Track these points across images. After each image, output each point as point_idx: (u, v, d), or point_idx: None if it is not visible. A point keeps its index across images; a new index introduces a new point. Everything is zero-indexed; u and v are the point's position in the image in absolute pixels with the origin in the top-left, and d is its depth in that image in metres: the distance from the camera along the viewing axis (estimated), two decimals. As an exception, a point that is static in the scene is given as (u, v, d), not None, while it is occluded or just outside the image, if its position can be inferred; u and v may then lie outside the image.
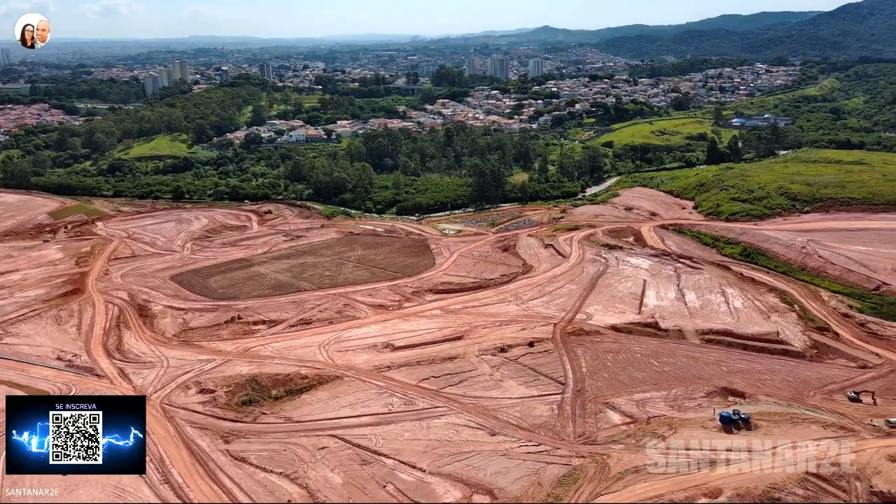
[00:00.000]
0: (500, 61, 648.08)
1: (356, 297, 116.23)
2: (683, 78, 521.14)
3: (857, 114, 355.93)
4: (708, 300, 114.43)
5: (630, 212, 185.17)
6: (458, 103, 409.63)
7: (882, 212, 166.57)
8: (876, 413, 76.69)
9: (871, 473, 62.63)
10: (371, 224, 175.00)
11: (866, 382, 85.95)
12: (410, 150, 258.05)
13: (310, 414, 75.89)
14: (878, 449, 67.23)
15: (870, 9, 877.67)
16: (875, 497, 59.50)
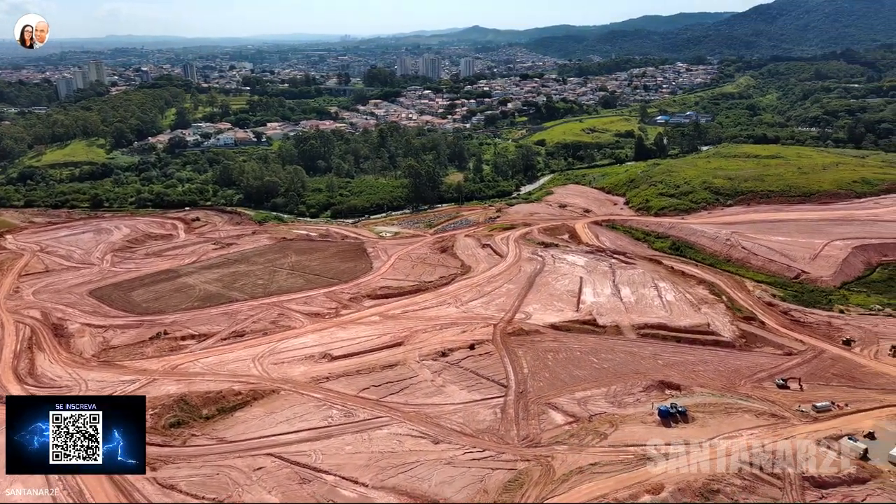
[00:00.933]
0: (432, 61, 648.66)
1: (291, 306, 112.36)
2: (610, 77, 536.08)
3: (772, 110, 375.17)
4: (642, 295, 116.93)
5: (564, 209, 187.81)
6: (390, 103, 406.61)
7: (798, 203, 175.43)
8: (803, 399, 79.86)
9: (803, 459, 64.92)
10: (305, 229, 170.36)
11: (792, 369, 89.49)
12: (344, 151, 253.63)
13: (244, 432, 72.28)
14: (808, 434, 69.95)
15: (779, 10, 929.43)
16: (807, 482, 61.64)
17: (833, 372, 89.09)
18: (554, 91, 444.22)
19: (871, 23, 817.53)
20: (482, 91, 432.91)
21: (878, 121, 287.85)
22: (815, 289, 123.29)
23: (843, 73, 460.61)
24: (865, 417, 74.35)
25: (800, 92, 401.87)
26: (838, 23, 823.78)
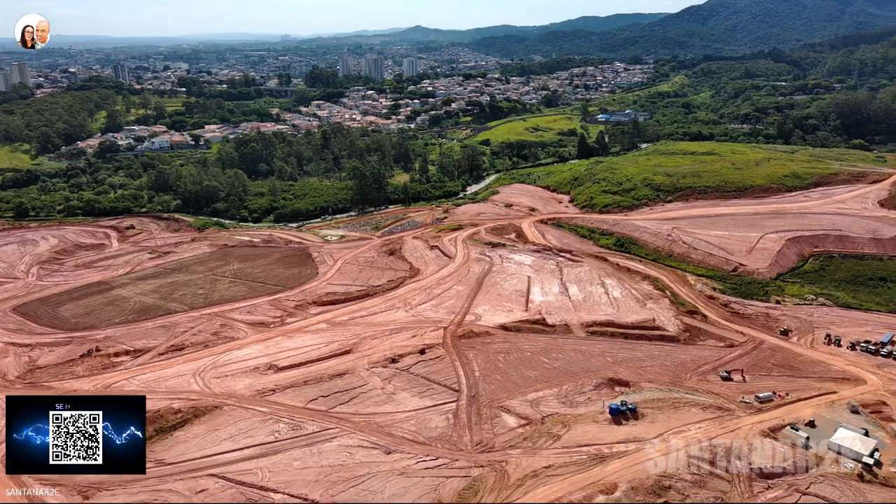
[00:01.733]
0: (375, 61, 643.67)
1: (234, 316, 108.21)
2: (551, 76, 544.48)
3: (706, 107, 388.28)
4: (590, 292, 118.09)
5: (510, 208, 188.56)
6: (333, 104, 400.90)
7: (734, 198, 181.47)
8: (746, 390, 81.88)
9: (749, 450, 66.34)
10: (247, 234, 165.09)
11: (735, 361, 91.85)
12: (286, 154, 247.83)
13: (185, 453, 68.69)
14: (752, 426, 71.62)
15: (709, 11, 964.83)
16: (754, 474, 62.93)
17: (773, 362, 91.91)
18: (497, 90, 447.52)
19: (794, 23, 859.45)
20: (426, 91, 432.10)
21: (804, 117, 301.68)
22: (753, 281, 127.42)
23: (770, 72, 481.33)
24: (805, 406, 76.82)
25: (731, 90, 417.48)
26: (765, 23, 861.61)
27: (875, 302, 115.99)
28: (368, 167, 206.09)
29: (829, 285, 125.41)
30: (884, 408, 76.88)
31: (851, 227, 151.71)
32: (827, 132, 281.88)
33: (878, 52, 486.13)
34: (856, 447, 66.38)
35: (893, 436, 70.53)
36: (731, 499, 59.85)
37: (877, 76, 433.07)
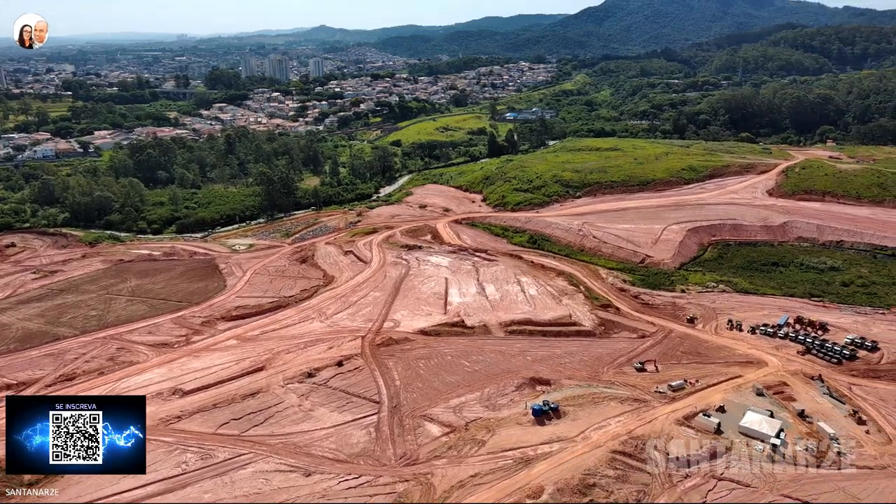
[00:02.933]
0: (279, 62, 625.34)
1: (133, 338, 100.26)
2: (459, 76, 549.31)
3: (607, 105, 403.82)
4: (507, 291, 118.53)
5: (425, 209, 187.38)
6: (237, 107, 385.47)
7: (638, 192, 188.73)
8: (660, 379, 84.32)
9: (666, 440, 68.01)
10: (146, 248, 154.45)
11: (647, 351, 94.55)
12: (187, 160, 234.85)
13: (79, 495, 62.23)
14: (668, 415, 73.61)
15: (605, 12, 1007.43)
16: (672, 463, 64.48)
17: (682, 350, 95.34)
18: (406, 90, 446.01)
19: (683, 24, 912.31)
20: (334, 92, 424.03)
21: (696, 113, 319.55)
22: (659, 271, 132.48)
23: (664, 70, 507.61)
24: (715, 392, 79.98)
25: (629, 88, 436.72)
26: (656, 24, 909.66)
27: (769, 286, 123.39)
28: (276, 172, 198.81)
29: (728, 272, 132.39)
30: (785, 388, 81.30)
31: (744, 216, 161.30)
32: (717, 126, 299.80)
33: (758, 50, 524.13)
34: (763, 429, 69.61)
35: (795, 415, 74.60)
36: (653, 490, 60.98)
37: (758, 73, 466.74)
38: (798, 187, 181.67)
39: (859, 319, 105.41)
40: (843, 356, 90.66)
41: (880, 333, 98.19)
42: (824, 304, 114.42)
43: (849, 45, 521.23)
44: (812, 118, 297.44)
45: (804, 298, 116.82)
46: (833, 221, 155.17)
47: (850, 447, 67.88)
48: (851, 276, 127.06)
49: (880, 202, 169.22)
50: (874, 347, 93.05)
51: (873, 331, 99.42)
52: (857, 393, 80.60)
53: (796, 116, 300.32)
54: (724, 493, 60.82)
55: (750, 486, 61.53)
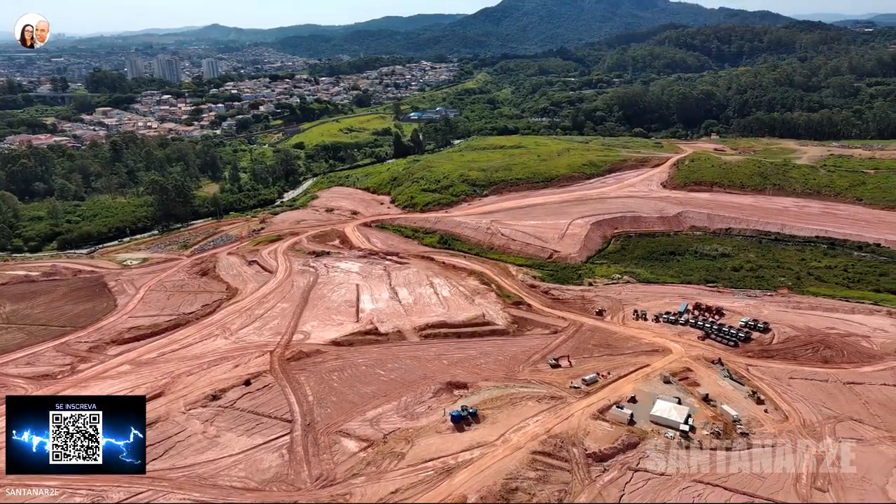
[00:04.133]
0: (169, 62, 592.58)
1: (7, 371, 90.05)
2: (361, 76, 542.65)
3: (508, 103, 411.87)
4: (419, 294, 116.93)
5: (332, 213, 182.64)
6: (123, 111, 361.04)
7: (542, 188, 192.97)
8: (574, 374, 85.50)
9: (583, 436, 68.74)
10: (22, 268, 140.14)
11: (560, 347, 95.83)
12: (68, 169, 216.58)
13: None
14: (583, 410, 74.55)
15: (502, 13, 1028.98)
16: (590, 459, 65.17)
17: (593, 343, 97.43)
18: (307, 92, 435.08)
19: (576, 24, 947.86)
20: (230, 94, 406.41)
21: (593, 110, 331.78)
22: (567, 266, 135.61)
23: (561, 69, 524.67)
24: (626, 383, 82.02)
25: (529, 86, 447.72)
26: (551, 24, 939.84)
27: (669, 275, 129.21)
28: (170, 179, 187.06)
29: (631, 263, 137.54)
30: (689, 374, 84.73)
31: (642, 208, 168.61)
32: (613, 122, 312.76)
33: (645, 49, 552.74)
34: (672, 417, 71.94)
35: (701, 399, 77.75)
36: (574, 488, 61.29)
37: (647, 71, 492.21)
38: (689, 179, 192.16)
39: (751, 302, 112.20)
40: (739, 339, 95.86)
41: (770, 315, 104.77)
42: (719, 289, 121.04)
43: (726, 44, 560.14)
44: (697, 113, 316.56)
45: (700, 285, 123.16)
46: (721, 210, 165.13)
47: (752, 427, 71.49)
48: (741, 261, 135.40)
49: (762, 190, 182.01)
50: (766, 328, 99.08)
51: (764, 312, 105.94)
52: (753, 373, 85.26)
53: (683, 112, 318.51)
54: (640, 484, 62.10)
55: (664, 475, 63.22)
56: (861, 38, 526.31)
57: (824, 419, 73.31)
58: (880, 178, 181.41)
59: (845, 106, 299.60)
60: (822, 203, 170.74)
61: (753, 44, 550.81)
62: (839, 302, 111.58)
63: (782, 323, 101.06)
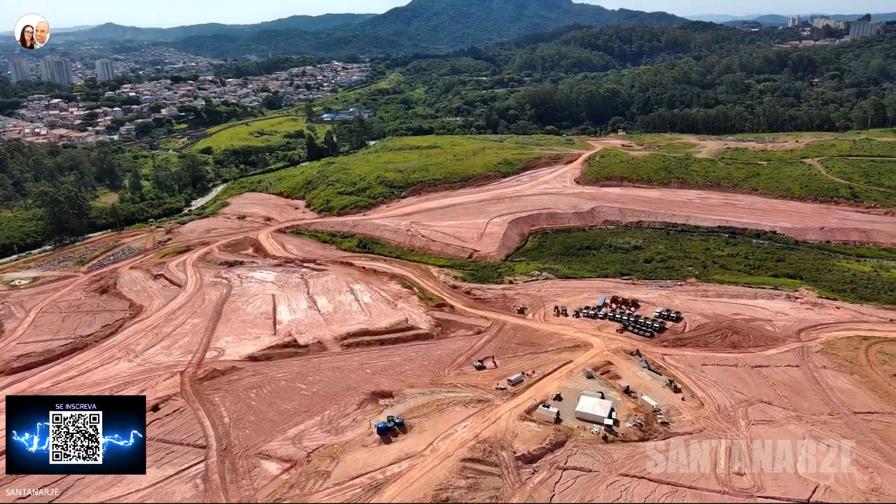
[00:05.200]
0: (59, 64, 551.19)
1: None
2: (270, 77, 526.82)
3: (422, 103, 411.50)
4: (339, 302, 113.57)
5: (244, 220, 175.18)
6: (7, 117, 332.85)
7: (460, 188, 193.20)
8: (500, 375, 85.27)
9: (512, 438, 68.34)
10: None
11: (485, 347, 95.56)
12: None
13: None
14: (510, 412, 74.26)
15: (413, 12, 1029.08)
16: (520, 461, 64.79)
17: (516, 342, 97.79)
18: (213, 94, 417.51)
19: (485, 24, 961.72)
20: (129, 97, 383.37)
21: (506, 108, 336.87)
22: (487, 265, 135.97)
23: (472, 68, 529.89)
24: (551, 380, 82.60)
25: (442, 86, 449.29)
26: (461, 24, 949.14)
27: (585, 269, 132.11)
28: (62, 190, 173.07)
29: (549, 259, 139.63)
30: (610, 367, 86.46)
31: (558, 205, 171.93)
32: (525, 121, 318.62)
33: (553, 49, 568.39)
34: (597, 412, 72.94)
35: (622, 392, 79.37)
36: (505, 493, 60.68)
37: (555, 70, 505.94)
38: (600, 175, 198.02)
39: (663, 293, 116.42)
40: (655, 329, 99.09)
41: (681, 304, 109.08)
42: (633, 281, 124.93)
43: (627, 44, 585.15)
44: (604, 110, 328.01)
45: (616, 278, 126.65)
46: (632, 204, 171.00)
47: (671, 416, 73.62)
48: (652, 252, 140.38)
49: (667, 184, 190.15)
50: (678, 318, 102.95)
51: (675, 302, 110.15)
52: (669, 362, 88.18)
53: (591, 109, 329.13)
54: (570, 482, 62.35)
55: (592, 471, 63.77)
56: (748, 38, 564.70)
57: (737, 403, 76.60)
58: (772, 169, 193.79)
59: (738, 102, 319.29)
60: (722, 194, 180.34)
61: (652, 43, 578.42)
62: (743, 288, 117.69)
63: (693, 311, 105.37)
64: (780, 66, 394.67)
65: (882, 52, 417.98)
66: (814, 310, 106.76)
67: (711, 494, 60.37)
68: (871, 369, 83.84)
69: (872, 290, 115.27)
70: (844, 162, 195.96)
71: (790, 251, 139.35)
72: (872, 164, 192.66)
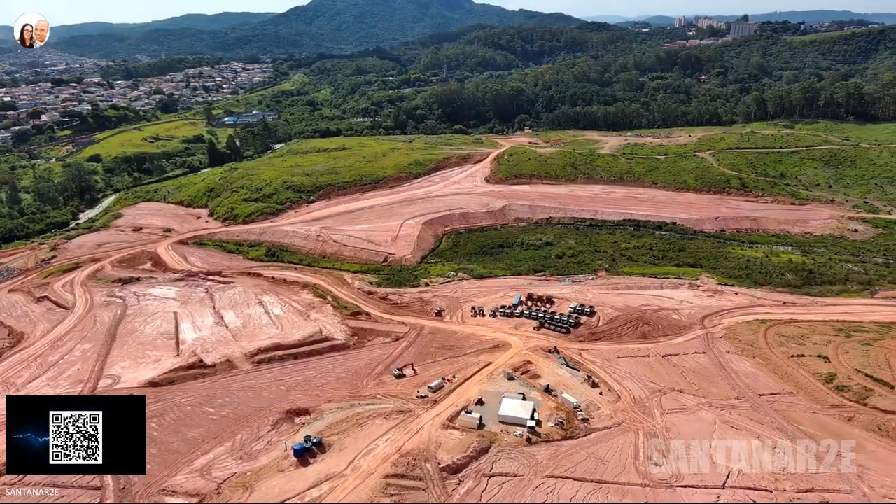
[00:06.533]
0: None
1: None
2: (164, 78, 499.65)
3: (329, 104, 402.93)
4: (249, 316, 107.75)
5: (141, 232, 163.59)
6: None
7: (371, 190, 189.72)
8: (420, 382, 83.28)
9: (435, 449, 66.52)
10: None
11: (403, 354, 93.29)
12: None
13: None
14: (433, 420, 72.45)
15: (315, 12, 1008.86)
16: (444, 472, 63.09)
17: (435, 346, 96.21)
18: (100, 97, 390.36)
19: (389, 24, 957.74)
20: (3, 102, 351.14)
21: (414, 108, 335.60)
22: (403, 268, 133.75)
23: (378, 68, 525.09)
24: (472, 385, 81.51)
25: (348, 86, 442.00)
26: (365, 24, 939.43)
27: (500, 268, 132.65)
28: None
29: (464, 260, 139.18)
30: (530, 366, 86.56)
31: (470, 204, 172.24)
32: (434, 121, 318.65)
33: (457, 48, 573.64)
34: (519, 414, 72.49)
35: (543, 391, 79.49)
36: (431, 507, 58.81)
37: (461, 69, 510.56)
38: (510, 173, 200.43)
39: (576, 287, 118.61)
40: (570, 325, 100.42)
41: (594, 298, 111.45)
42: (547, 277, 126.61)
43: (529, 43, 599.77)
44: (510, 108, 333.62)
45: (530, 275, 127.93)
46: (542, 201, 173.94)
47: (591, 412, 74.39)
48: (563, 248, 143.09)
49: (574, 179, 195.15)
50: (592, 312, 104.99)
51: (588, 296, 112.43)
52: (586, 357, 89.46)
53: (498, 107, 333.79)
54: (496, 489, 61.34)
55: (517, 476, 63.08)
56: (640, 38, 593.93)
57: (651, 394, 78.60)
58: (669, 163, 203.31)
59: (634, 99, 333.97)
60: (625, 188, 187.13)
61: (552, 43, 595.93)
62: (650, 279, 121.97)
63: (605, 305, 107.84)
64: (671, 64, 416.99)
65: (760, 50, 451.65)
66: (715, 296, 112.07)
67: (633, 489, 61.18)
68: (771, 351, 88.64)
69: (765, 275, 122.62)
70: (733, 154, 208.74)
71: (690, 241, 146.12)
72: (758, 156, 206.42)
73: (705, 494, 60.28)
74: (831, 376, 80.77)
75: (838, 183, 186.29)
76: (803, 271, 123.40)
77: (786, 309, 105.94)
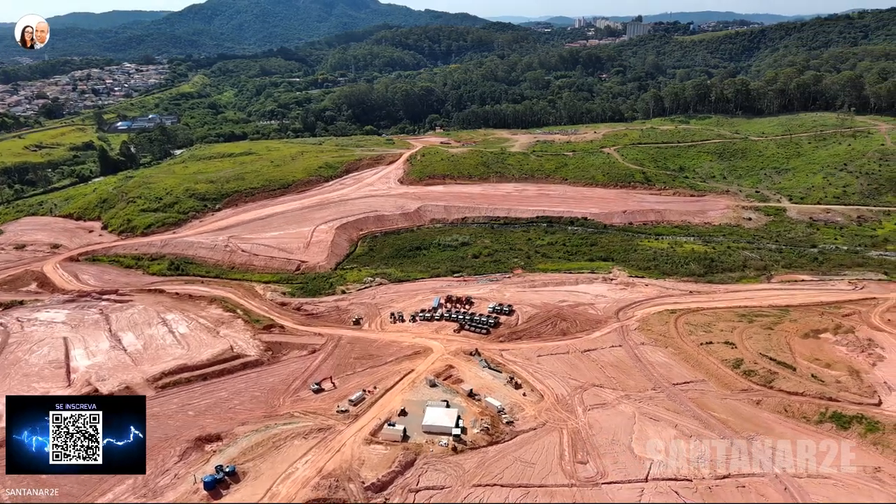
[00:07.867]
0: None
1: None
2: (48, 81, 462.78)
3: (232, 106, 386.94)
4: (150, 337, 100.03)
5: (24, 250, 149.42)
6: None
7: (280, 195, 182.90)
8: (340, 396, 79.92)
9: (359, 467, 63.66)
10: None
11: (321, 367, 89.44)
12: None
13: None
14: (354, 436, 69.47)
15: (213, 10, 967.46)
16: (369, 491, 60.39)
17: (354, 356, 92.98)
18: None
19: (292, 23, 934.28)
20: None
21: (322, 109, 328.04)
22: (318, 276, 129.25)
23: (284, 69, 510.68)
24: (394, 395, 79.03)
25: (253, 88, 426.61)
26: (267, 23, 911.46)
27: (417, 270, 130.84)
28: None
29: (381, 264, 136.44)
30: (452, 371, 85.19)
31: (384, 207, 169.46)
32: (343, 122, 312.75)
33: (365, 48, 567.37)
34: (443, 422, 70.81)
35: (466, 396, 78.20)
36: (356, 530, 55.99)
37: (369, 69, 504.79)
38: (423, 173, 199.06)
39: (494, 287, 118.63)
40: (490, 325, 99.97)
41: (512, 296, 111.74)
42: (464, 278, 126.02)
43: (436, 43, 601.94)
44: (421, 108, 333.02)
45: (448, 276, 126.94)
46: (456, 201, 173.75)
47: (515, 414, 73.84)
48: (479, 247, 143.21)
49: (486, 179, 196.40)
50: (511, 311, 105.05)
51: (506, 295, 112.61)
52: (508, 358, 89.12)
53: (408, 108, 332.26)
54: (424, 504, 59.32)
55: (445, 487, 61.35)
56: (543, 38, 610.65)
57: (573, 391, 79.13)
58: (577, 159, 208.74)
59: (541, 97, 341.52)
60: (536, 186, 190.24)
61: (459, 43, 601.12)
62: (565, 275, 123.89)
63: (523, 303, 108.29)
64: (573, 63, 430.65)
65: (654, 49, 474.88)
66: (627, 289, 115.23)
67: (561, 490, 60.93)
68: (682, 340, 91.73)
69: (672, 265, 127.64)
70: (636, 150, 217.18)
71: (600, 235, 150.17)
72: (659, 150, 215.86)
73: (629, 489, 60.92)
74: (738, 362, 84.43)
75: (732, 174, 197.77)
76: (705, 260, 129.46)
77: (692, 298, 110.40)
